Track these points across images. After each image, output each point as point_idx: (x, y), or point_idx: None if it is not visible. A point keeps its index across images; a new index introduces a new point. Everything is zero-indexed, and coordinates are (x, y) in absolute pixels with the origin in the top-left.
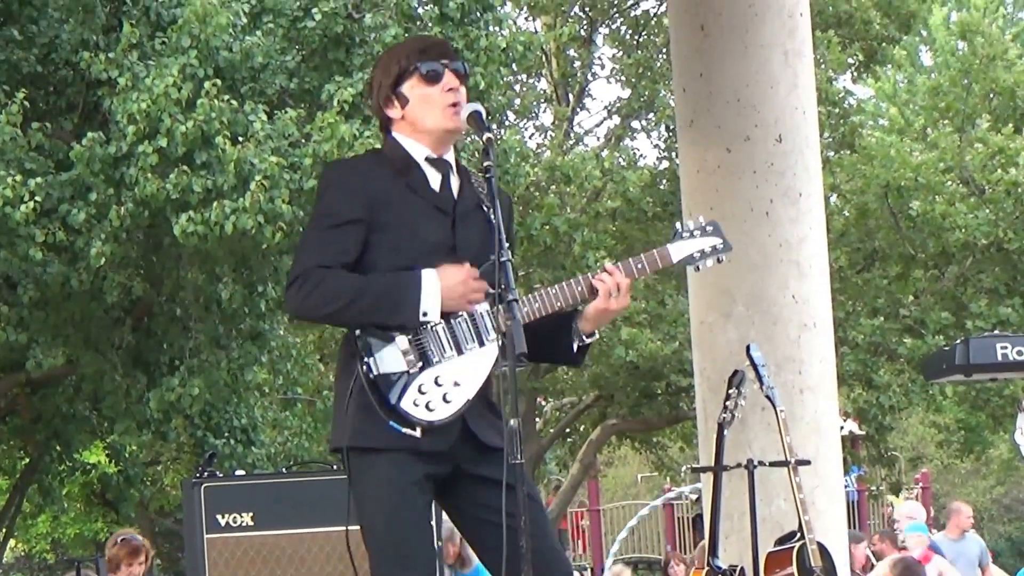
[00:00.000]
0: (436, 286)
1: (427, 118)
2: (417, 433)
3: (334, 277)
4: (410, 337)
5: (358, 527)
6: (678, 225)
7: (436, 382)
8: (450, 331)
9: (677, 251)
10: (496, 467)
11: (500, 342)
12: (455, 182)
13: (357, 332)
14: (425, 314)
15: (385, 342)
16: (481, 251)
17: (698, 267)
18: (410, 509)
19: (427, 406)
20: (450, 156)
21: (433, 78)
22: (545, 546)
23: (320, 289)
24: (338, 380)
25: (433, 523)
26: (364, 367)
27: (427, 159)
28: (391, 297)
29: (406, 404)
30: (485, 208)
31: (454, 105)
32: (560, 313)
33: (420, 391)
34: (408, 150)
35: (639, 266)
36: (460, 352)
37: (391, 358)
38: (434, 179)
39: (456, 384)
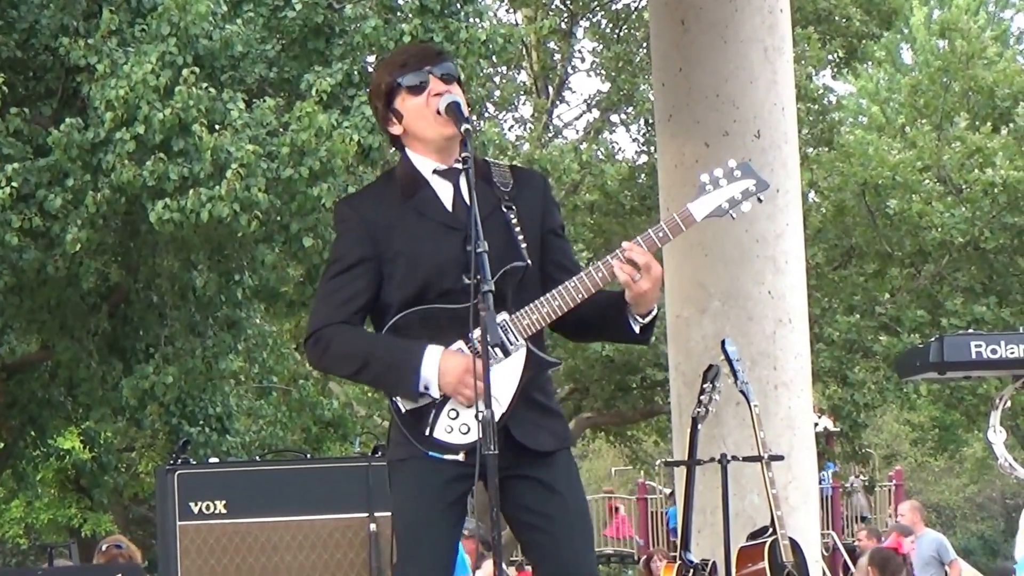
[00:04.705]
0: (435, 366)
1: (425, 129)
2: (460, 458)
3: (341, 339)
4: None
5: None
6: (703, 177)
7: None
8: (472, 351)
9: (701, 207)
10: (540, 468)
11: (527, 346)
12: (467, 191)
13: None
14: (426, 388)
15: None
16: (496, 262)
17: (732, 215)
18: (428, 513)
19: (460, 430)
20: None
21: (417, 89)
22: (567, 552)
23: (331, 352)
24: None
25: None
26: (394, 405)
27: (435, 172)
28: (392, 373)
29: (439, 433)
30: (504, 209)
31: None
32: (611, 299)
33: (450, 416)
34: (417, 166)
35: (660, 234)
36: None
37: None
38: (445, 194)
39: None
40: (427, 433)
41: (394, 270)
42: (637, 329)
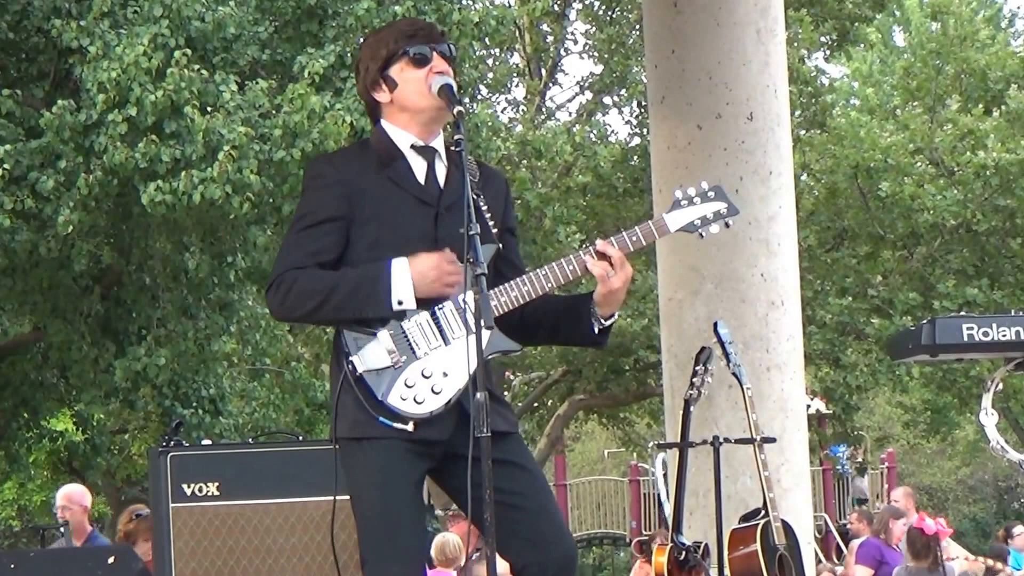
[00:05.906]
0: (407, 274)
1: (418, 100)
2: (409, 428)
3: (306, 276)
4: (392, 332)
5: (345, 497)
6: (678, 193)
7: (423, 374)
8: (435, 322)
9: (675, 220)
10: (498, 449)
11: (493, 327)
12: (442, 170)
13: (342, 329)
14: (400, 303)
15: (368, 338)
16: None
17: (701, 234)
18: (399, 498)
19: (415, 399)
20: (438, 143)
21: (421, 61)
22: (546, 524)
23: (294, 290)
24: (331, 373)
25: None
26: (349, 366)
27: (413, 147)
28: (362, 290)
29: (393, 399)
30: (475, 195)
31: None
32: (577, 298)
33: (407, 385)
34: (394, 139)
35: (634, 239)
36: (447, 342)
37: (375, 354)
38: (419, 169)
39: (445, 375)
40: (380, 398)
41: (363, 234)
42: (597, 329)
